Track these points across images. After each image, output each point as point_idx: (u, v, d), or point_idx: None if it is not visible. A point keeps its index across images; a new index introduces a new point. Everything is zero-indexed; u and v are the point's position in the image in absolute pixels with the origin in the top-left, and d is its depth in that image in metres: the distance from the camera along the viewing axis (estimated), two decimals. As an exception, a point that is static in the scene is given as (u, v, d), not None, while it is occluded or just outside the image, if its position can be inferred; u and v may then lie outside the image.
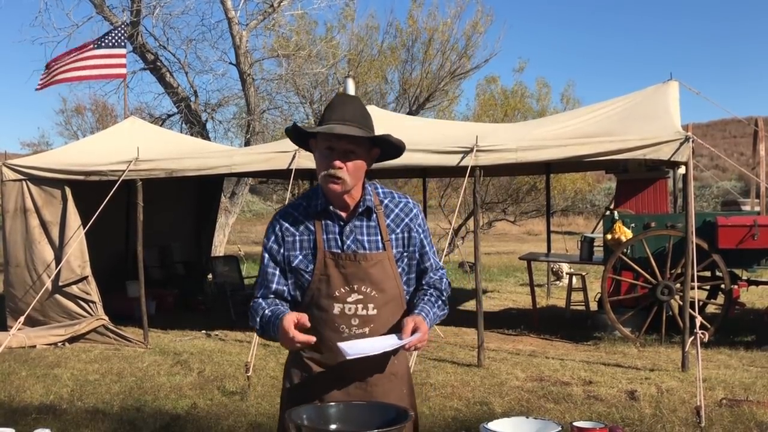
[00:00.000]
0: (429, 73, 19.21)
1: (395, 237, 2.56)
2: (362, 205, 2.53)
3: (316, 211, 2.54)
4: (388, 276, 2.53)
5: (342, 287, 2.49)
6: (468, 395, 6.42)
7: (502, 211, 22.18)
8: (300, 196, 2.68)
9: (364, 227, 2.54)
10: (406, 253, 2.58)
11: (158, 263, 12.42)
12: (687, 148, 7.28)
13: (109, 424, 5.67)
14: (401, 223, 2.58)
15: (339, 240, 2.51)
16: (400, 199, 2.63)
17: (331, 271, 2.49)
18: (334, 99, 2.54)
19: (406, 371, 2.68)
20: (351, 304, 2.49)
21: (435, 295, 2.65)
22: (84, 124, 31.36)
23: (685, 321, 7.27)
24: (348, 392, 2.52)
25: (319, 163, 2.50)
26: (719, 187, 35.22)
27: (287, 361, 2.70)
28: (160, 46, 17.01)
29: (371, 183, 2.61)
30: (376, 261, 2.51)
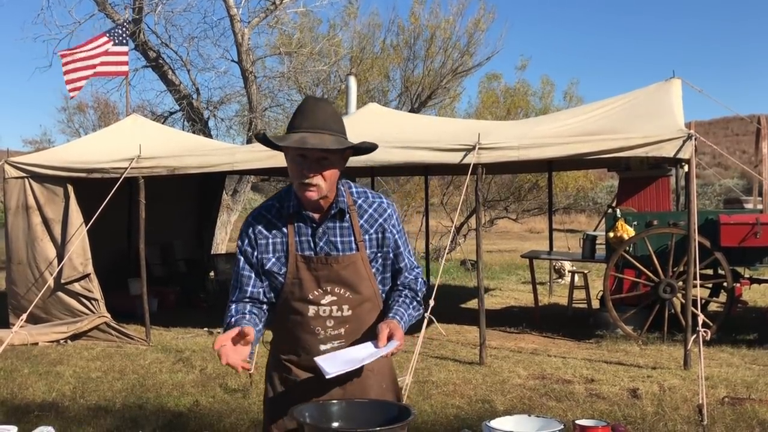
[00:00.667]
0: (431, 71, 19.20)
1: (369, 237, 2.54)
2: (335, 206, 2.50)
3: (289, 213, 2.52)
4: (361, 277, 2.51)
5: (315, 290, 2.48)
6: (470, 393, 6.42)
7: (504, 208, 22.17)
8: (272, 196, 2.64)
9: (337, 228, 2.51)
10: (380, 253, 2.56)
11: (160, 261, 12.42)
12: (689, 145, 7.27)
13: (111, 421, 5.68)
14: (375, 223, 2.55)
15: (312, 242, 2.50)
16: (374, 199, 2.59)
17: (303, 275, 2.48)
18: (304, 104, 2.48)
19: (386, 366, 2.65)
20: (325, 306, 2.48)
21: (410, 296, 2.62)
22: (86, 122, 31.39)
23: (688, 319, 7.27)
24: (330, 395, 2.51)
25: (292, 170, 2.45)
26: (722, 185, 35.20)
27: (267, 365, 2.69)
28: (162, 43, 17.00)
29: (345, 182, 2.58)
30: (348, 263, 2.49)
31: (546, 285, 13.60)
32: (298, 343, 2.51)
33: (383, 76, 19.70)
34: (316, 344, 2.50)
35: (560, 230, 17.89)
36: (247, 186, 17.22)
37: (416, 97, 19.09)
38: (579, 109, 10.26)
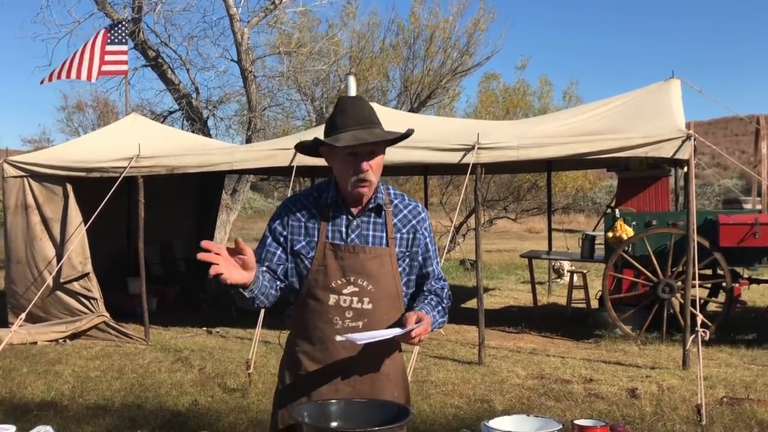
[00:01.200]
0: (431, 71, 19.19)
1: (400, 236, 2.57)
2: (373, 201, 2.55)
3: (326, 203, 2.56)
4: (386, 272, 2.53)
5: (339, 278, 2.50)
6: (469, 393, 6.42)
7: (504, 208, 22.16)
8: (311, 187, 2.70)
9: (371, 223, 2.56)
10: (408, 253, 2.59)
11: (159, 260, 12.42)
12: (689, 146, 7.28)
13: (110, 420, 5.68)
14: (408, 223, 2.60)
15: (344, 233, 2.53)
16: (410, 202, 2.66)
17: (329, 262, 2.50)
18: (342, 105, 2.53)
19: (400, 374, 2.67)
20: (346, 295, 2.49)
21: (435, 300, 2.64)
22: (85, 121, 31.40)
23: (686, 319, 7.27)
24: (337, 389, 2.52)
25: (342, 169, 2.49)
26: (721, 185, 35.22)
27: (281, 361, 2.71)
28: (162, 42, 16.98)
29: (384, 184, 2.63)
30: (375, 255, 2.52)
31: (545, 285, 13.61)
32: (314, 333, 2.51)
33: (383, 75, 19.68)
34: (332, 334, 2.51)
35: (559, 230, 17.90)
36: (247, 185, 17.21)
37: (416, 96, 19.08)
38: (578, 109, 10.27)
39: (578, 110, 9.83)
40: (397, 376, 2.64)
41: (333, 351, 2.52)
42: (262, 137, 16.14)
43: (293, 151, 8.55)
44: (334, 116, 2.51)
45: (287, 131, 17.90)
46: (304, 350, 2.57)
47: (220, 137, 18.30)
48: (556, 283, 14.16)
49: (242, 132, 18.66)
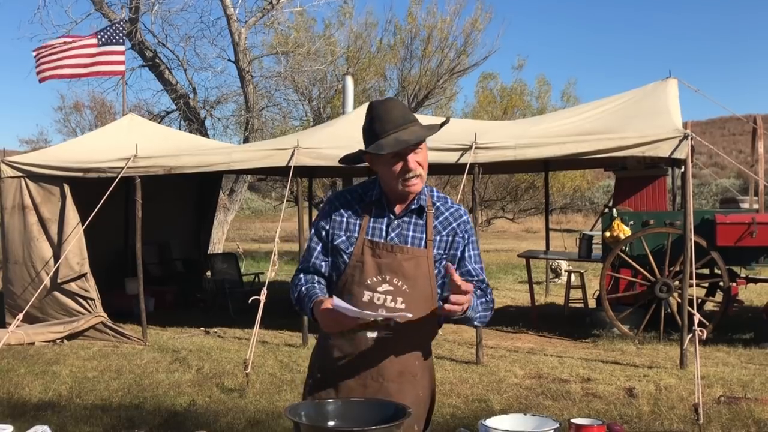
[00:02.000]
0: (428, 71, 19.20)
1: (440, 238, 2.57)
2: (416, 203, 2.56)
3: (370, 200, 2.59)
4: (422, 273, 2.53)
5: (375, 276, 2.51)
6: (466, 392, 6.43)
7: (501, 208, 22.21)
8: (357, 184, 2.72)
9: (412, 224, 2.57)
10: (446, 255, 2.59)
11: (157, 260, 12.42)
12: (686, 145, 7.29)
13: (108, 420, 5.67)
14: (448, 226, 2.60)
15: (384, 231, 2.55)
16: (452, 205, 2.66)
17: (366, 258, 2.52)
18: (377, 110, 2.53)
19: (428, 376, 2.65)
20: (381, 294, 2.50)
21: (479, 292, 2.61)
22: (83, 121, 31.40)
23: (684, 318, 7.28)
24: (365, 384, 2.53)
25: (389, 173, 2.50)
26: (718, 185, 35.28)
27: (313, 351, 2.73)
28: (159, 43, 17.01)
29: (428, 186, 2.64)
30: (412, 256, 2.52)
31: (543, 284, 13.62)
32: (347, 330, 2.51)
33: (380, 75, 19.70)
34: (364, 331, 2.51)
35: (557, 230, 17.94)
36: (244, 185, 17.22)
37: (413, 96, 19.09)
38: (575, 109, 10.27)
39: (575, 110, 9.84)
40: (425, 378, 2.64)
41: (363, 346, 2.52)
42: (260, 137, 16.15)
43: (291, 151, 8.56)
44: (372, 124, 2.51)
45: (284, 131, 17.90)
46: (335, 344, 2.58)
47: (217, 137, 18.31)
48: (554, 283, 14.17)
49: (240, 132, 18.66)
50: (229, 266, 12.18)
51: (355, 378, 2.53)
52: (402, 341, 2.52)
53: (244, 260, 16.03)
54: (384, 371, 2.53)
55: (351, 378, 2.54)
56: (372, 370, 2.53)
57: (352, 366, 2.54)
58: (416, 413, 2.54)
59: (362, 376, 2.53)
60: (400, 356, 2.54)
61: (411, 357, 2.56)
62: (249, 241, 25.81)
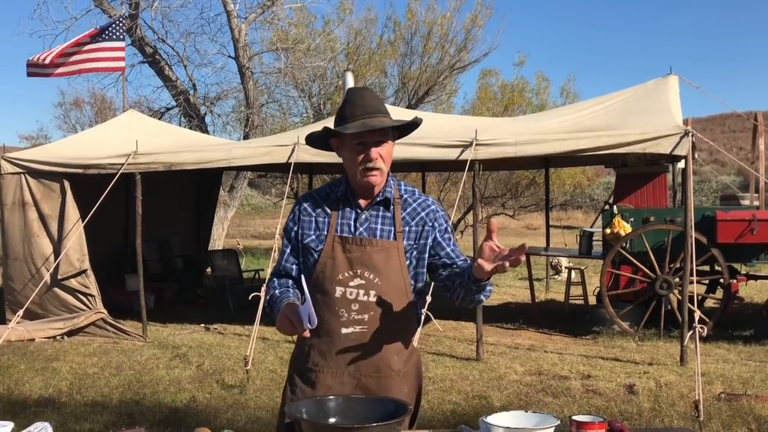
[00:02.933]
0: (428, 67, 19.18)
1: (408, 229, 2.59)
2: (381, 195, 2.58)
3: (337, 197, 2.60)
4: (393, 265, 2.54)
5: (346, 271, 2.52)
6: (467, 389, 6.43)
7: (501, 205, 22.17)
8: (325, 184, 2.75)
9: (380, 217, 2.58)
10: (416, 245, 2.60)
11: (157, 257, 12.42)
12: (686, 142, 7.28)
13: (108, 417, 5.68)
14: (416, 216, 2.61)
15: (352, 226, 2.56)
16: (420, 196, 2.68)
17: (337, 254, 2.53)
18: (351, 95, 2.57)
19: (412, 371, 2.66)
20: (353, 288, 2.51)
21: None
22: (83, 118, 31.40)
23: (684, 315, 7.28)
24: (342, 382, 2.53)
25: (351, 159, 2.54)
26: (718, 182, 35.25)
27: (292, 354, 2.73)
28: (159, 39, 16.99)
29: (395, 179, 2.66)
30: (382, 248, 2.54)
31: (543, 281, 13.62)
32: (321, 325, 2.51)
33: (380, 72, 19.67)
34: (338, 326, 2.52)
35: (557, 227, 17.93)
36: (244, 182, 17.22)
37: (413, 93, 19.07)
38: (576, 106, 10.26)
39: (576, 107, 9.83)
40: (408, 373, 2.63)
41: (338, 343, 2.53)
42: (260, 134, 16.15)
43: (291, 147, 8.55)
44: (343, 107, 2.55)
45: (285, 128, 17.89)
46: (311, 343, 2.58)
47: (217, 134, 18.32)
48: (554, 280, 14.17)
49: (240, 128, 18.65)
50: (229, 263, 12.18)
51: (332, 375, 2.54)
52: (376, 336, 2.52)
53: (244, 257, 16.03)
54: (361, 367, 2.54)
55: (329, 377, 2.54)
56: (349, 366, 2.54)
57: (328, 364, 2.55)
58: None
59: (339, 373, 2.54)
60: (377, 351, 2.54)
61: (388, 351, 2.56)
62: (249, 238, 25.83)
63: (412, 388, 2.65)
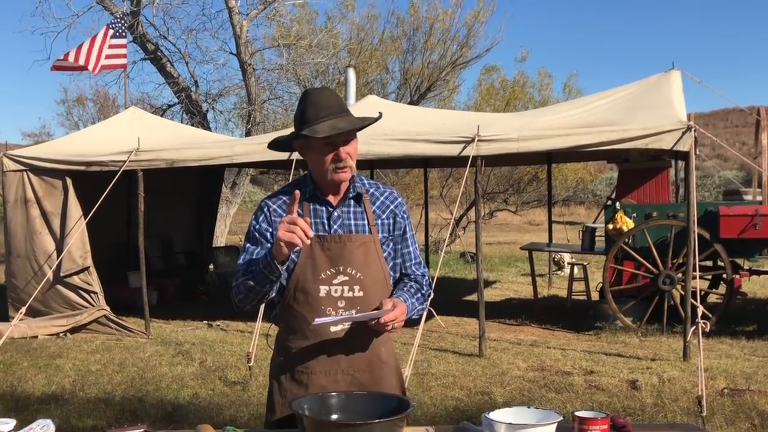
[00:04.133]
0: (430, 63, 19.16)
1: (381, 222, 2.61)
2: (352, 191, 2.58)
3: (305, 197, 2.57)
4: (372, 259, 2.55)
5: (328, 269, 2.50)
6: (469, 385, 6.43)
7: (504, 201, 22.15)
8: (289, 183, 2.73)
9: (352, 213, 2.58)
10: (391, 237, 2.63)
11: (160, 253, 12.42)
12: (689, 137, 7.26)
13: (111, 413, 5.68)
14: (386, 209, 2.64)
15: (326, 224, 2.55)
16: (385, 189, 2.69)
17: (316, 254, 2.51)
18: (310, 97, 2.54)
19: (394, 360, 2.68)
20: (337, 285, 2.50)
21: (414, 287, 2.66)
22: (85, 115, 31.42)
23: (687, 311, 7.27)
24: (336, 380, 2.51)
25: (319, 160, 2.51)
26: (721, 177, 35.18)
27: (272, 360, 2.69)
28: (161, 36, 16.97)
29: (357, 174, 2.65)
30: (361, 242, 2.54)
31: (545, 277, 13.61)
32: (307, 326, 2.50)
33: (382, 68, 19.65)
34: (326, 325, 2.50)
35: (560, 222, 17.90)
36: (246, 179, 17.22)
37: (415, 89, 19.06)
38: (578, 101, 10.24)
39: (578, 102, 9.81)
40: (393, 363, 2.66)
41: (329, 342, 2.51)
42: (262, 130, 16.14)
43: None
44: (304, 109, 2.52)
45: (286, 124, 17.87)
46: (298, 345, 2.56)
47: (219, 130, 18.29)
48: (557, 276, 14.16)
49: (242, 125, 18.64)
50: (231, 259, 12.19)
51: (325, 375, 2.52)
52: (365, 329, 2.51)
53: (247, 253, 16.01)
54: (353, 362, 2.53)
55: (321, 376, 2.52)
56: (341, 363, 2.53)
57: (320, 364, 2.53)
58: None
59: (331, 371, 2.52)
60: (367, 344, 2.55)
61: (377, 343, 2.57)
62: (251, 235, 25.76)
63: (398, 379, 2.68)
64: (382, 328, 2.44)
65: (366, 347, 2.54)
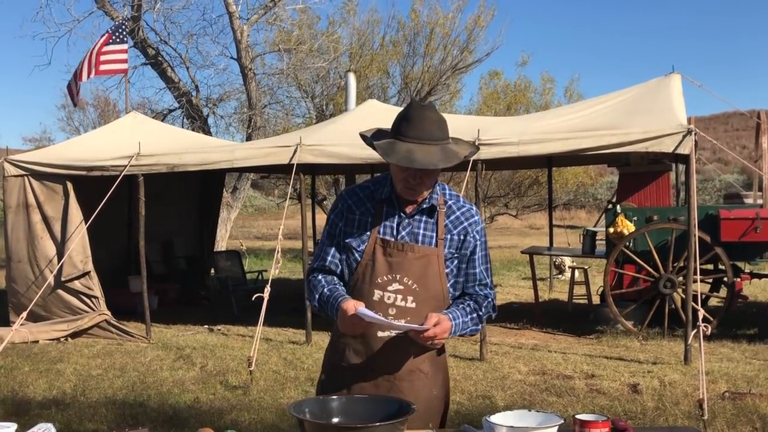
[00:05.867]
0: (431, 67, 19.18)
1: (450, 237, 2.56)
2: (427, 202, 2.54)
3: (381, 198, 2.56)
4: (432, 272, 2.53)
5: (386, 275, 2.50)
6: (470, 389, 6.42)
7: (505, 205, 22.19)
8: (370, 180, 2.68)
9: (423, 222, 2.55)
10: (457, 254, 2.58)
11: (160, 258, 12.43)
12: (689, 140, 7.27)
13: (112, 418, 5.68)
14: (459, 225, 2.58)
15: (395, 229, 2.54)
16: (464, 204, 2.64)
17: (378, 257, 2.51)
18: (410, 111, 2.45)
19: (441, 374, 2.67)
20: (391, 292, 2.50)
21: (471, 306, 2.62)
22: (86, 120, 31.42)
23: (688, 314, 7.27)
24: (377, 384, 2.53)
25: (396, 172, 2.49)
26: (722, 180, 35.16)
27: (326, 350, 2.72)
28: (161, 40, 16.99)
29: (441, 184, 2.61)
30: (423, 254, 2.52)
31: (546, 281, 13.60)
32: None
33: (383, 72, 19.67)
34: (375, 329, 2.51)
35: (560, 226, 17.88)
36: (247, 183, 17.22)
37: (416, 93, 19.07)
38: (579, 105, 10.25)
39: (579, 106, 9.82)
40: (438, 376, 2.65)
41: (375, 345, 2.53)
42: (263, 135, 16.15)
43: (294, 148, 8.55)
44: (402, 120, 2.45)
45: (287, 129, 17.90)
46: (347, 342, 2.58)
47: (220, 135, 18.32)
48: (558, 279, 14.15)
49: (242, 130, 18.65)
50: (232, 264, 12.18)
51: (366, 377, 2.54)
52: (412, 341, 2.51)
53: (248, 258, 16.04)
54: (395, 370, 2.54)
55: (363, 377, 2.55)
56: (384, 369, 2.54)
57: (363, 365, 2.55)
58: (430, 411, 2.55)
59: (374, 375, 2.54)
60: (411, 355, 2.55)
61: (421, 356, 2.58)
62: (252, 239, 25.82)
63: (441, 391, 2.66)
64: (423, 341, 2.44)
65: (409, 357, 2.54)
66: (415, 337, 2.44)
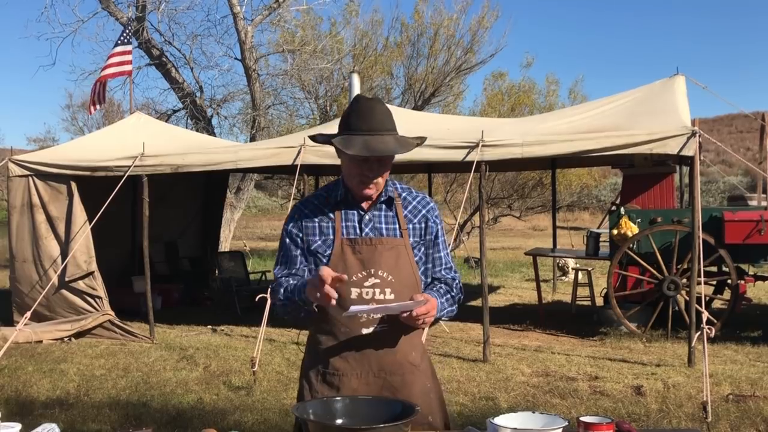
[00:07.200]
0: (434, 69, 19.16)
1: (412, 226, 2.61)
2: (384, 195, 2.58)
3: (336, 201, 2.59)
4: (403, 262, 2.55)
5: (359, 272, 2.51)
6: (474, 390, 6.42)
7: (508, 206, 22.12)
8: (320, 188, 2.73)
9: (383, 216, 2.59)
10: (423, 242, 2.63)
11: (164, 259, 12.45)
12: (693, 142, 7.26)
13: (116, 418, 5.69)
14: (418, 214, 2.64)
15: (357, 228, 2.56)
16: (418, 194, 2.70)
17: (347, 257, 2.52)
18: (358, 105, 2.52)
19: (428, 365, 2.69)
20: (368, 288, 2.51)
21: (444, 288, 2.67)
22: (90, 120, 31.46)
23: (692, 316, 7.26)
24: (368, 383, 2.52)
25: (351, 169, 2.52)
26: (726, 182, 35.12)
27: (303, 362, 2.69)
28: (166, 41, 17.00)
29: (390, 179, 2.65)
30: (392, 246, 2.55)
31: (550, 282, 13.60)
32: (339, 329, 2.51)
33: (386, 73, 19.66)
34: (358, 327, 2.51)
35: (564, 228, 17.90)
36: (251, 184, 17.24)
37: (419, 94, 19.06)
38: (583, 106, 10.24)
39: (583, 107, 9.81)
40: (427, 368, 2.67)
41: (360, 345, 2.52)
42: (266, 135, 16.17)
43: (297, 149, 8.56)
44: (349, 115, 2.51)
45: (291, 129, 17.90)
46: (329, 347, 2.56)
47: (224, 136, 18.32)
48: (561, 281, 14.15)
49: (246, 130, 18.66)
50: (236, 264, 12.20)
51: (356, 378, 2.53)
52: (396, 332, 2.52)
53: (251, 258, 16.05)
54: (384, 366, 2.54)
55: (353, 379, 2.53)
56: (372, 366, 2.53)
57: (351, 367, 2.53)
58: (427, 403, 2.55)
59: (363, 374, 2.53)
60: (398, 348, 2.55)
61: (407, 346, 2.58)
62: (256, 240, 25.84)
63: (433, 382, 2.68)
64: (413, 321, 2.42)
65: (396, 349, 2.54)
66: (406, 320, 2.43)
